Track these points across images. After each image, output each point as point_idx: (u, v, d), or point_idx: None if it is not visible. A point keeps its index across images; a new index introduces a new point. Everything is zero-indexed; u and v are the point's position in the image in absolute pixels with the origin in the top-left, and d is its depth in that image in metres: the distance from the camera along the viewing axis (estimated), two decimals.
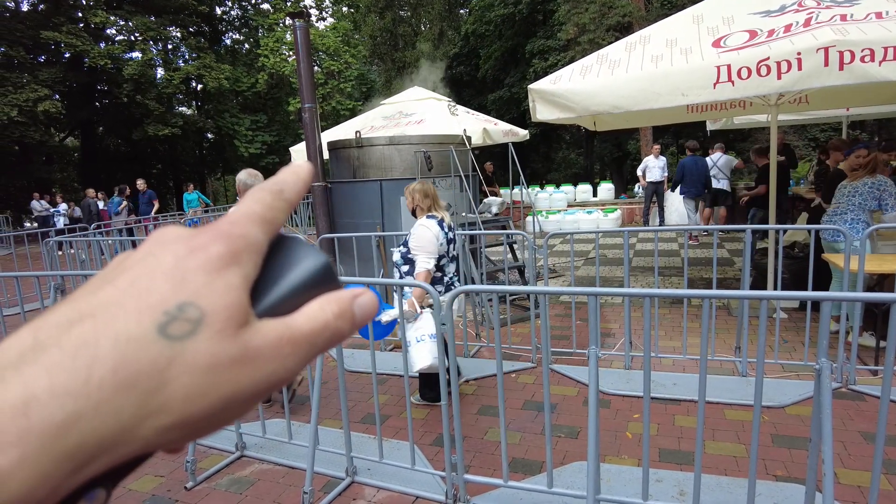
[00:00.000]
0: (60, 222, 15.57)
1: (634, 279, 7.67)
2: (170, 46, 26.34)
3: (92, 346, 0.23)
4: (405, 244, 3.84)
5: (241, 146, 25.83)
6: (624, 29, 15.34)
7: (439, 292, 3.77)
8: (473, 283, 5.66)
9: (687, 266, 4.97)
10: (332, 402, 4.22)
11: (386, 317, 3.63)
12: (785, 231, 6.32)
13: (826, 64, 3.89)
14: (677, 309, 5.79)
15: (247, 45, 29.34)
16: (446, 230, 3.87)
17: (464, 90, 24.75)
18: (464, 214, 6.81)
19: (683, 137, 16.92)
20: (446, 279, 3.93)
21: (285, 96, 25.73)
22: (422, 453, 3.47)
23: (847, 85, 4.07)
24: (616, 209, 13.01)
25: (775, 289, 5.12)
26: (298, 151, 10.20)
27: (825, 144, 9.05)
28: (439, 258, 3.82)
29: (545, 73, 5.40)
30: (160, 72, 25.08)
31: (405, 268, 3.83)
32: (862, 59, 3.79)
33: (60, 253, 9.30)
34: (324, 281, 0.29)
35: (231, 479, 3.42)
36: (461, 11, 28.63)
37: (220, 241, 0.27)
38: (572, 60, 5.40)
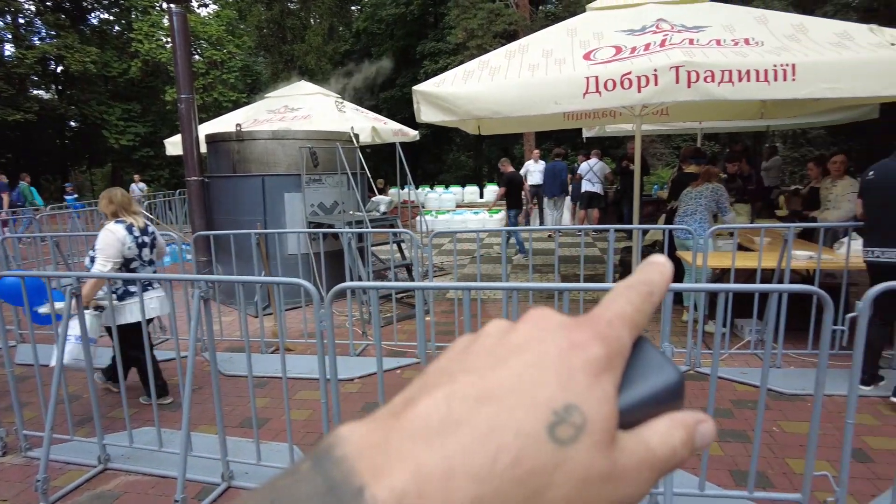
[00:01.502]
0: None
1: (515, 276, 8.05)
2: (21, 20, 23.58)
3: (497, 433, 0.23)
4: (94, 247, 3.92)
5: (112, 136, 23.74)
6: (510, 36, 15.95)
7: (119, 296, 3.90)
8: (360, 280, 5.65)
9: (558, 263, 5.31)
10: (208, 407, 4.03)
11: (43, 309, 3.75)
12: (646, 231, 6.96)
13: (677, 81, 4.33)
14: (551, 304, 6.17)
15: (118, 27, 26.97)
16: (136, 234, 3.96)
17: (358, 89, 24.51)
18: (351, 213, 6.77)
19: (564, 143, 17.94)
20: (132, 287, 3.91)
21: (162, 85, 23.96)
22: (302, 453, 3.43)
23: (695, 101, 4.57)
24: (501, 210, 13.51)
25: None
26: (174, 144, 9.59)
27: None
28: (129, 261, 3.92)
29: (436, 75, 5.52)
30: (9, 48, 22.38)
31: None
32: (705, 80, 4.27)
33: None
34: (673, 398, 0.28)
35: (91, 495, 3.17)
36: (352, 8, 28.31)
37: (599, 343, 0.27)
38: (462, 64, 5.57)
